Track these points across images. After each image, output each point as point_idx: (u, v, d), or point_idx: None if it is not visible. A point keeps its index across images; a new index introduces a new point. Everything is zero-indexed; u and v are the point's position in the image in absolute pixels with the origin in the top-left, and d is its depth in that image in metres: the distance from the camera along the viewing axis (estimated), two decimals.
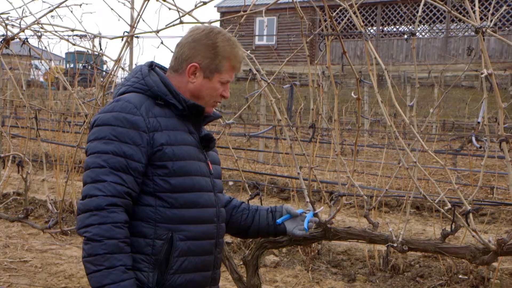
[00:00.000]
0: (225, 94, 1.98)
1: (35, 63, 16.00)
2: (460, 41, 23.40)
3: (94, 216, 1.72)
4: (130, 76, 1.96)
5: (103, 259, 1.70)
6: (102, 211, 1.72)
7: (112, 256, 1.70)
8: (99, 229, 1.71)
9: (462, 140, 9.74)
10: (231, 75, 1.97)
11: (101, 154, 1.77)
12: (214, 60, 1.92)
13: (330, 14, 2.45)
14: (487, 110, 2.43)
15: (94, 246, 1.71)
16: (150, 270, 1.81)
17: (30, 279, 4.59)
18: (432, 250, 2.43)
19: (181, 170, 1.84)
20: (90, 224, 1.72)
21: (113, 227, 1.72)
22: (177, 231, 1.83)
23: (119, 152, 1.77)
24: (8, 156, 4.02)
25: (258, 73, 2.70)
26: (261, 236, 2.46)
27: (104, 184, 1.74)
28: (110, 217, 1.72)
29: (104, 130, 1.79)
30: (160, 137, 1.82)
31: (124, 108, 1.81)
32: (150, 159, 1.81)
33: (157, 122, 1.84)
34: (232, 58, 1.94)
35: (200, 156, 1.95)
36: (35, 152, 9.47)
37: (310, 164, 2.65)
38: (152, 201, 1.82)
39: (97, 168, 1.76)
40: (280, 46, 25.70)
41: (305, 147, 2.91)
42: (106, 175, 1.75)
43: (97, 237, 1.71)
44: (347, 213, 7.19)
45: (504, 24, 21.92)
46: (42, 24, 3.33)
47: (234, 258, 2.90)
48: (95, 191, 1.74)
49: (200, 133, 1.99)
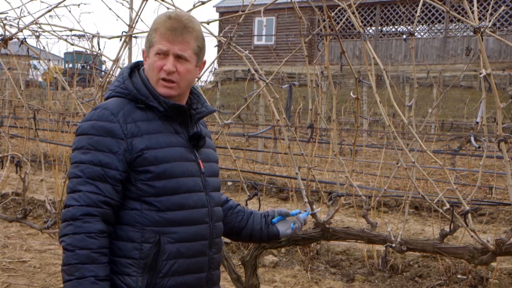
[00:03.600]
0: (165, 67, 1.82)
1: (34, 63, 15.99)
2: (458, 41, 23.41)
3: (69, 226, 1.74)
4: (115, 79, 1.94)
5: (74, 269, 1.71)
6: (76, 221, 1.73)
7: (83, 266, 1.71)
8: (72, 239, 1.72)
9: (460, 140, 9.75)
10: (164, 44, 1.81)
11: (78, 164, 1.78)
12: (148, 37, 1.88)
13: (328, 14, 2.45)
14: (485, 110, 2.43)
15: (68, 256, 1.72)
16: (139, 275, 1.79)
17: (29, 279, 4.58)
18: (431, 250, 2.43)
19: (165, 173, 1.81)
20: (65, 234, 1.74)
21: (86, 237, 1.72)
22: (165, 233, 1.81)
23: (95, 161, 1.76)
24: (7, 156, 4.01)
25: (257, 73, 2.70)
26: (253, 241, 2.42)
27: (80, 194, 1.75)
28: (84, 227, 1.72)
29: (82, 139, 1.80)
30: (139, 142, 1.80)
31: (101, 116, 1.80)
32: (131, 165, 1.79)
33: (136, 127, 1.81)
34: (160, 27, 1.82)
35: (189, 156, 1.90)
36: (33, 152, 9.45)
37: (308, 164, 2.65)
38: (137, 205, 1.81)
39: (75, 179, 1.78)
40: (279, 46, 25.71)
41: (303, 147, 2.91)
42: (82, 185, 1.76)
43: (70, 247, 1.72)
44: (346, 213, 7.19)
45: (503, 24, 21.94)
46: (40, 24, 3.32)
47: (232, 258, 2.91)
48: (71, 201, 1.76)
49: (189, 132, 1.94)
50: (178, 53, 1.84)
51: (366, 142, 11.67)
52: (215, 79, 24.72)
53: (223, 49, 2.84)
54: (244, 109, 3.85)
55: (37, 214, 6.37)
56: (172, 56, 1.84)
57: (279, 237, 2.22)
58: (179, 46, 1.84)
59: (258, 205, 2.76)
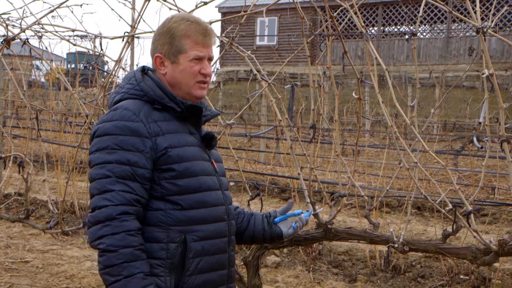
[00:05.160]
0: (204, 70, 1.92)
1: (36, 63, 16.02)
2: (461, 41, 23.38)
3: (106, 227, 1.70)
4: (124, 83, 1.95)
5: (120, 269, 1.68)
6: (113, 221, 1.71)
7: (129, 264, 1.69)
8: (112, 239, 1.69)
9: (463, 141, 9.73)
10: (201, 50, 1.91)
11: (105, 164, 1.76)
12: (172, 43, 1.90)
13: (331, 14, 2.45)
14: (488, 111, 2.42)
15: (110, 257, 1.69)
16: (166, 275, 1.80)
17: (31, 280, 4.59)
18: (433, 250, 2.43)
19: (187, 171, 1.84)
20: (103, 235, 1.70)
21: (127, 236, 1.71)
22: (189, 232, 1.82)
23: (123, 160, 1.76)
24: (9, 156, 4.02)
25: (259, 73, 2.70)
26: (256, 242, 2.43)
27: (112, 193, 1.73)
28: (123, 225, 1.71)
29: (105, 140, 1.79)
30: (162, 141, 1.82)
31: (123, 116, 1.81)
32: (156, 164, 1.81)
33: (157, 126, 1.83)
34: (191, 33, 1.89)
35: (204, 155, 1.95)
36: (36, 153, 9.48)
37: (310, 165, 2.65)
38: (162, 205, 1.82)
39: (103, 179, 1.75)
40: (281, 47, 25.71)
41: (305, 148, 2.91)
42: (112, 185, 1.74)
43: (111, 247, 1.69)
44: (348, 213, 7.18)
45: (505, 25, 21.90)
46: (43, 25, 3.33)
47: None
48: (104, 201, 1.73)
49: (200, 133, 1.99)
50: (211, 56, 1.95)
51: (369, 143, 11.66)
52: (217, 79, 24.75)
53: (225, 50, 2.85)
54: (246, 109, 3.85)
55: (39, 214, 6.37)
56: (206, 59, 1.93)
57: (282, 237, 2.22)
58: (210, 49, 1.94)
59: (260, 205, 2.76)
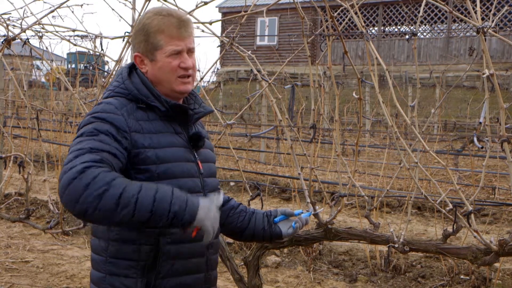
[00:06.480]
0: (183, 64, 1.83)
1: (37, 63, 16.03)
2: (461, 41, 23.38)
3: (81, 180, 1.56)
4: (113, 79, 1.92)
5: (127, 193, 1.56)
6: (86, 170, 1.58)
7: (127, 186, 1.59)
8: (96, 184, 1.55)
9: (463, 141, 9.73)
10: (177, 43, 1.82)
11: (80, 142, 1.68)
12: (147, 40, 1.84)
13: (331, 14, 2.45)
14: (488, 111, 2.42)
15: (108, 197, 1.55)
16: (138, 277, 1.77)
17: (32, 280, 4.59)
18: (434, 250, 2.43)
19: (165, 173, 1.79)
20: (84, 188, 1.55)
21: (106, 173, 1.59)
22: (164, 234, 1.78)
23: (97, 140, 1.69)
24: (10, 156, 4.02)
25: (259, 73, 2.70)
26: (256, 241, 2.41)
27: (83, 156, 1.63)
28: (98, 169, 1.59)
29: (84, 128, 1.74)
30: (142, 139, 1.77)
31: (105, 109, 1.77)
32: (133, 163, 1.76)
33: (139, 125, 1.79)
34: (164, 28, 1.81)
35: (188, 156, 1.89)
36: (36, 153, 9.49)
37: (311, 165, 2.65)
38: None
39: (75, 151, 1.66)
40: (281, 47, 25.71)
41: (306, 148, 2.91)
42: (84, 155, 1.64)
43: (101, 190, 1.55)
44: (349, 213, 7.19)
45: (506, 25, 21.89)
46: (43, 25, 3.34)
47: (235, 258, 2.91)
48: (74, 162, 1.60)
49: (189, 132, 1.93)
50: (190, 47, 1.86)
51: (369, 143, 11.65)
52: (218, 79, 24.75)
53: (225, 50, 2.85)
54: (247, 109, 3.86)
55: (40, 214, 6.38)
56: (185, 52, 1.85)
57: (281, 237, 2.21)
58: (188, 40, 1.85)
59: (260, 205, 2.76)
